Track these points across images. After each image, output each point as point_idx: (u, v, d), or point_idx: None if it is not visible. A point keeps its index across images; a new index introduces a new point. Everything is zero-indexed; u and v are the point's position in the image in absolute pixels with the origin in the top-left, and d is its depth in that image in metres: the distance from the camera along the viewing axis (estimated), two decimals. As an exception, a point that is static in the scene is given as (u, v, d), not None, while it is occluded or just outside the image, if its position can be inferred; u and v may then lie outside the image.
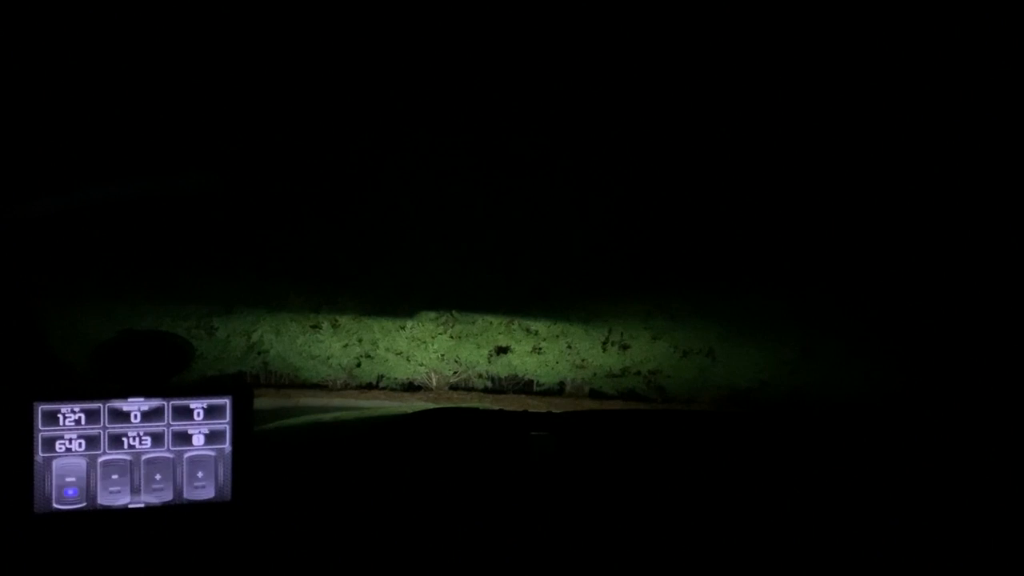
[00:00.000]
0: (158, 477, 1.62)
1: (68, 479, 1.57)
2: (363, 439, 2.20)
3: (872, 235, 3.53)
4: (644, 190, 3.54)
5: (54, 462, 1.57)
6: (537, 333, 5.67)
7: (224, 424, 1.65)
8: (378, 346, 5.73)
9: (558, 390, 6.06)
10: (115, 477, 1.60)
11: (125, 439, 1.60)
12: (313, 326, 5.64)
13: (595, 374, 5.85)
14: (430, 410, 2.39)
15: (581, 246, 4.37)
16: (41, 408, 1.56)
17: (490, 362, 5.84)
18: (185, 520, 1.63)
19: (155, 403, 1.61)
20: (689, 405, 5.70)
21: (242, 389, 1.65)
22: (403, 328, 5.65)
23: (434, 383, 6.02)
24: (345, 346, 5.71)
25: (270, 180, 3.22)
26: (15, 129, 2.18)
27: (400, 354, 5.75)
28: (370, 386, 5.98)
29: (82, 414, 1.58)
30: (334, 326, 5.64)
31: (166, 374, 1.68)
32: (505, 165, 3.25)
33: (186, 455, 1.63)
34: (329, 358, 5.74)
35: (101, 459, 1.59)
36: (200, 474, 1.64)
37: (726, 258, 4.25)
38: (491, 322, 5.66)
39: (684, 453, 2.12)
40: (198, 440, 1.64)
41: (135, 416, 1.61)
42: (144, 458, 1.61)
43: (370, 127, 2.76)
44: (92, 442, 1.59)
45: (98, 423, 1.59)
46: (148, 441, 1.62)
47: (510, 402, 5.74)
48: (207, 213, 3.77)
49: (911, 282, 3.95)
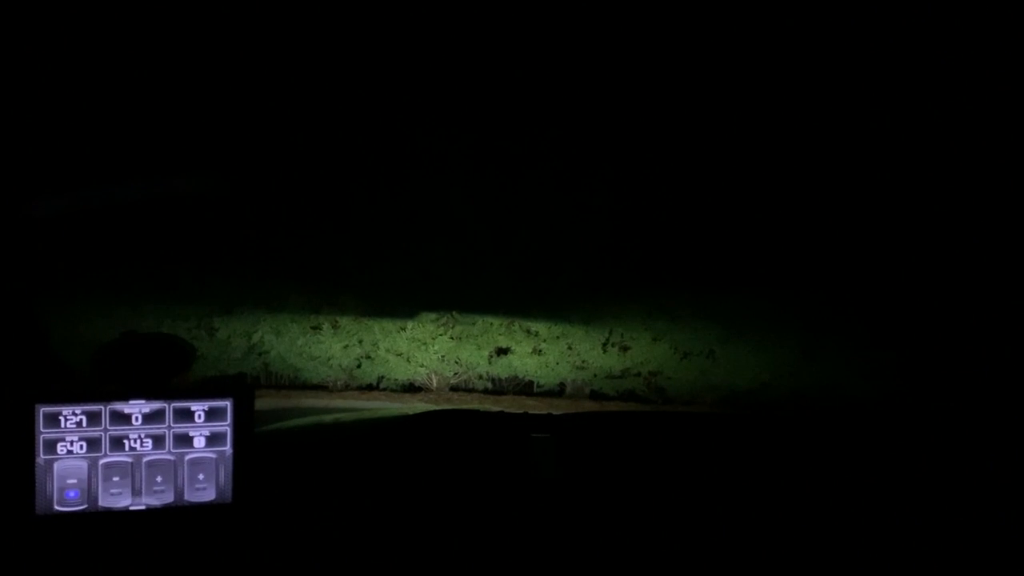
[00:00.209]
0: (159, 479, 1.62)
1: (69, 481, 1.57)
2: (363, 441, 2.20)
3: (872, 238, 3.54)
4: (645, 192, 3.55)
5: (55, 464, 1.57)
6: (537, 334, 5.67)
7: (225, 426, 1.64)
8: (378, 347, 5.72)
9: (558, 391, 6.05)
10: (116, 479, 1.59)
11: (126, 441, 1.60)
12: (314, 327, 5.64)
13: (595, 375, 5.85)
14: (430, 412, 2.39)
15: (582, 248, 4.38)
16: (43, 410, 1.56)
17: (490, 363, 5.84)
18: (186, 522, 1.63)
19: (156, 405, 1.61)
20: (689, 406, 5.69)
21: (243, 391, 1.65)
22: (403, 329, 5.65)
23: (434, 384, 6.02)
24: (345, 347, 5.71)
25: (271, 182, 3.22)
26: (18, 131, 2.19)
27: (400, 355, 5.75)
28: (370, 387, 5.98)
29: (83, 416, 1.58)
30: (334, 327, 5.64)
31: (167, 376, 1.68)
32: (506, 167, 3.25)
33: (187, 457, 1.63)
34: (329, 359, 5.74)
35: (102, 461, 1.59)
36: (201, 476, 1.64)
37: (727, 260, 4.26)
38: (491, 323, 5.66)
39: (684, 455, 2.12)
40: (199, 442, 1.63)
41: (136, 418, 1.61)
42: (145, 460, 1.61)
43: (371, 129, 2.76)
44: (93, 444, 1.58)
45: (99, 425, 1.59)
46: (149, 443, 1.61)
47: (510, 403, 5.74)
48: (208, 214, 3.78)
49: (911, 284, 3.96)
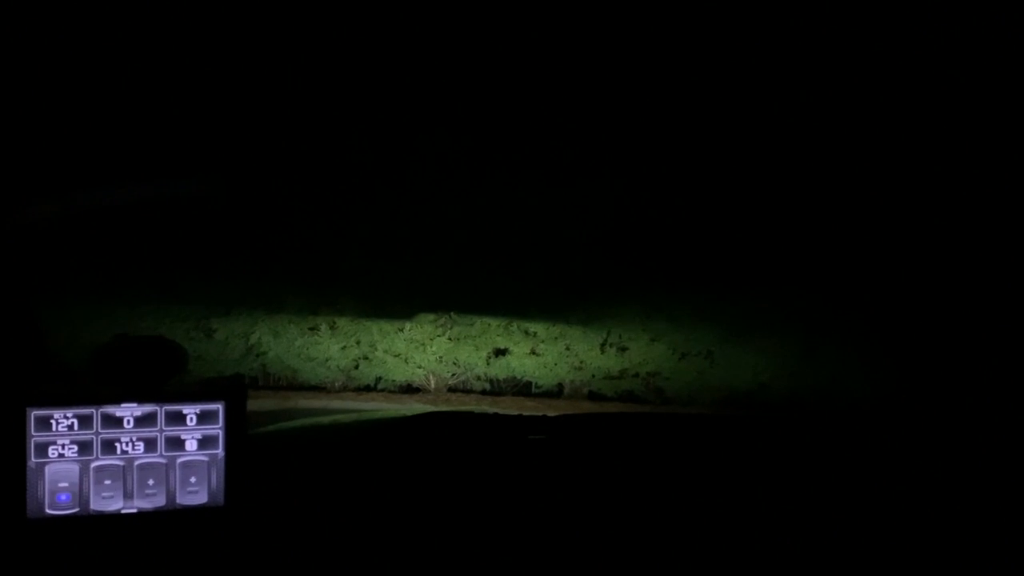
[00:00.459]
0: (151, 482, 1.62)
1: (61, 484, 1.56)
2: (359, 444, 2.20)
3: (871, 238, 3.53)
4: (643, 193, 3.54)
5: (47, 468, 1.56)
6: (536, 335, 5.66)
7: (217, 429, 1.64)
8: (376, 348, 5.72)
9: (557, 392, 6.05)
10: (108, 482, 1.59)
11: (118, 444, 1.60)
12: (311, 328, 5.64)
13: (593, 376, 5.84)
14: (426, 414, 2.38)
15: (580, 248, 4.37)
16: (34, 414, 1.55)
17: (489, 364, 5.83)
18: (178, 525, 1.63)
19: (148, 408, 1.61)
20: (688, 407, 5.69)
21: (235, 394, 1.65)
22: (401, 330, 5.65)
23: (432, 385, 6.02)
24: (343, 348, 5.70)
25: (269, 183, 3.22)
26: (15, 132, 2.19)
27: (398, 356, 5.75)
28: (368, 388, 5.97)
29: (75, 419, 1.58)
30: (332, 328, 5.64)
31: (159, 379, 1.67)
32: (504, 168, 3.25)
33: (179, 460, 1.63)
34: (327, 360, 5.74)
35: (94, 464, 1.59)
36: (193, 479, 1.63)
37: (726, 261, 4.25)
38: (490, 324, 5.66)
39: (682, 456, 2.12)
40: (191, 445, 1.63)
41: (128, 421, 1.60)
42: (137, 463, 1.61)
43: (369, 130, 2.76)
44: (85, 447, 1.58)
45: (91, 428, 1.59)
46: (141, 446, 1.61)
47: (509, 404, 5.74)
48: (206, 216, 3.78)
49: (910, 285, 3.95)
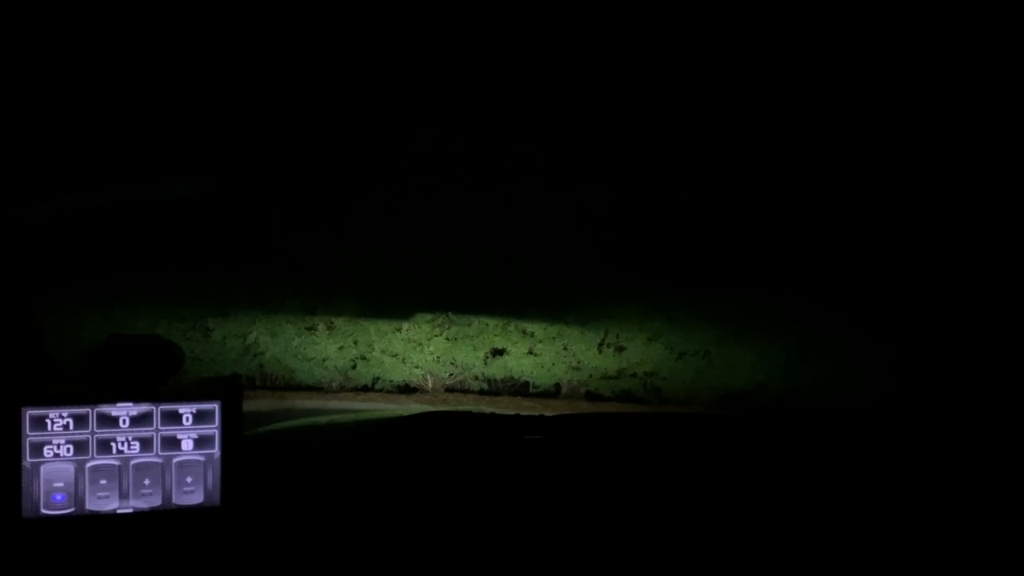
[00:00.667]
0: (147, 482, 1.61)
1: (56, 484, 1.56)
2: (357, 443, 2.20)
3: (868, 238, 3.54)
4: (640, 193, 3.55)
5: (42, 467, 1.56)
6: (533, 335, 5.66)
7: (213, 429, 1.64)
8: (374, 348, 5.72)
9: (554, 392, 6.05)
10: (104, 482, 1.58)
11: (114, 444, 1.59)
12: (309, 328, 5.63)
13: (591, 376, 5.84)
14: (423, 414, 2.38)
15: (578, 248, 4.37)
16: (29, 413, 1.55)
17: (486, 364, 5.83)
18: (174, 525, 1.62)
19: (144, 408, 1.60)
20: (685, 407, 5.69)
21: (231, 394, 1.64)
22: (399, 330, 5.64)
23: (430, 385, 6.02)
24: (341, 348, 5.70)
25: (267, 184, 3.22)
26: (12, 132, 2.18)
27: (396, 356, 5.75)
28: (366, 388, 5.97)
29: (70, 419, 1.57)
30: (330, 328, 5.64)
31: (155, 378, 1.67)
32: (502, 169, 3.25)
33: (175, 460, 1.62)
34: (325, 360, 5.73)
35: (89, 464, 1.58)
36: (189, 479, 1.63)
37: (723, 261, 4.26)
38: (487, 324, 5.66)
39: (680, 456, 2.12)
40: (187, 445, 1.63)
41: (124, 421, 1.60)
42: (133, 463, 1.60)
43: (367, 132, 2.76)
44: (80, 447, 1.58)
45: (86, 428, 1.58)
46: (137, 446, 1.61)
47: (506, 404, 5.73)
48: (204, 216, 3.78)
49: (907, 284, 3.96)
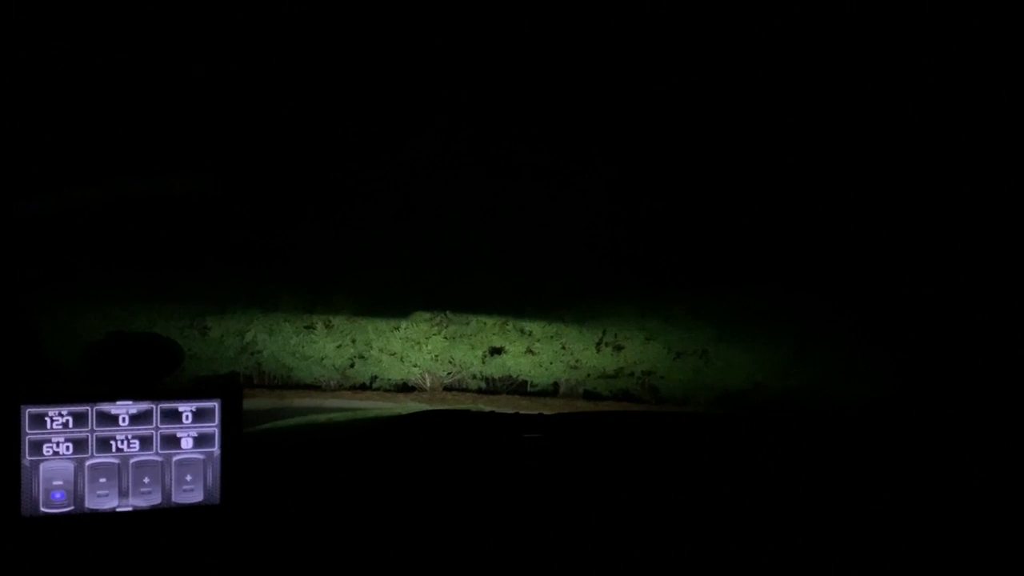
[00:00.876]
0: (146, 480, 1.61)
1: (55, 482, 1.56)
2: (355, 442, 2.20)
3: (865, 238, 3.54)
4: (638, 192, 3.55)
5: (41, 465, 1.56)
6: (531, 334, 5.66)
7: (213, 427, 1.63)
8: (372, 347, 5.71)
9: (552, 391, 6.05)
10: (103, 480, 1.58)
11: (113, 442, 1.59)
12: (307, 326, 5.62)
13: (589, 375, 5.84)
14: (422, 412, 2.38)
15: (575, 248, 4.37)
16: (28, 411, 1.55)
17: (484, 363, 5.83)
18: (173, 523, 1.62)
19: (143, 406, 1.60)
20: (683, 406, 5.70)
21: (231, 392, 1.64)
22: (397, 329, 5.64)
23: (428, 384, 6.01)
24: (339, 347, 5.69)
25: (265, 181, 3.21)
26: (10, 130, 2.18)
27: (394, 355, 5.74)
28: (364, 387, 5.97)
29: (70, 417, 1.57)
30: (328, 326, 5.63)
31: (155, 376, 1.67)
32: (500, 167, 3.25)
33: (174, 458, 1.62)
34: (323, 358, 5.73)
35: (89, 462, 1.58)
36: (189, 477, 1.63)
37: (720, 261, 4.26)
38: (485, 323, 5.65)
39: (677, 454, 2.12)
40: (187, 443, 1.62)
41: (123, 419, 1.59)
42: (132, 461, 1.60)
43: (365, 130, 2.75)
44: (80, 445, 1.57)
45: (86, 426, 1.58)
46: (136, 444, 1.60)
47: (504, 403, 5.73)
48: (201, 214, 3.77)
49: (904, 284, 3.96)
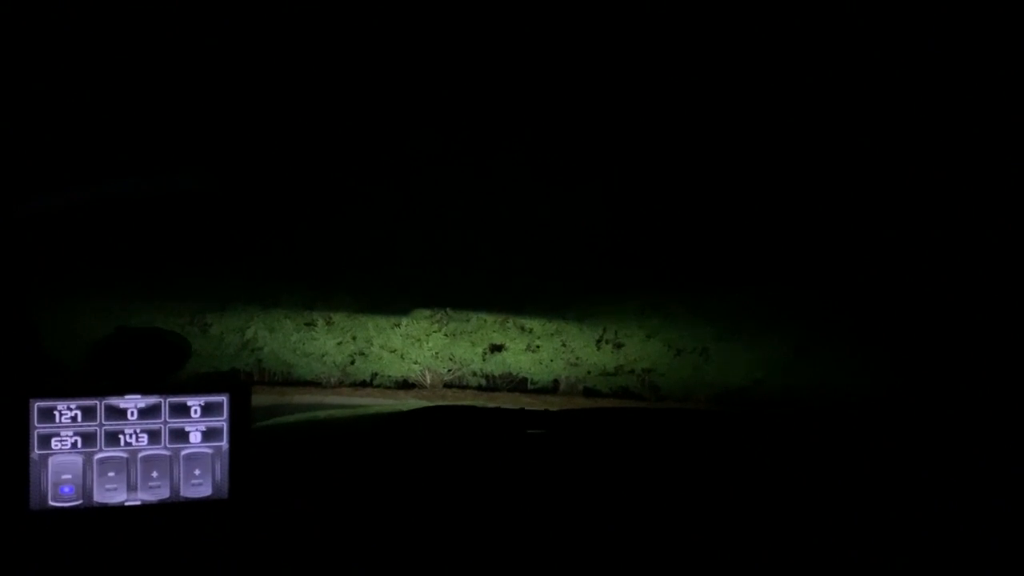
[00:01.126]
0: (155, 474, 1.62)
1: (64, 476, 1.56)
2: (360, 437, 2.20)
3: (866, 235, 3.55)
4: (638, 189, 3.55)
5: (50, 459, 1.56)
6: (531, 331, 5.67)
7: (221, 421, 1.64)
8: (372, 344, 5.72)
9: (552, 388, 6.07)
10: (111, 474, 1.59)
11: (122, 436, 1.60)
12: (307, 323, 5.62)
13: (589, 372, 5.85)
14: (426, 408, 2.39)
15: (576, 245, 4.37)
16: (37, 405, 1.55)
17: (484, 360, 5.83)
18: (182, 518, 1.63)
19: (152, 400, 1.61)
20: (683, 403, 5.71)
21: (240, 386, 1.65)
22: (397, 326, 5.64)
23: (428, 381, 6.02)
24: (339, 343, 5.69)
25: (265, 178, 3.21)
26: (10, 127, 2.18)
27: (394, 352, 5.75)
28: (364, 384, 5.97)
29: (78, 411, 1.58)
30: (328, 323, 5.63)
31: (163, 371, 1.67)
32: (500, 164, 3.25)
33: (183, 452, 1.63)
34: (323, 355, 5.73)
35: (97, 456, 1.59)
36: (197, 471, 1.63)
37: (720, 258, 4.26)
38: (485, 320, 5.66)
39: (678, 451, 2.13)
40: (195, 437, 1.63)
41: (132, 413, 1.60)
42: (141, 455, 1.61)
43: (365, 126, 2.75)
44: (88, 439, 1.58)
45: (94, 420, 1.58)
46: (145, 438, 1.61)
47: (504, 400, 5.74)
48: (201, 211, 3.76)
49: (904, 281, 3.97)
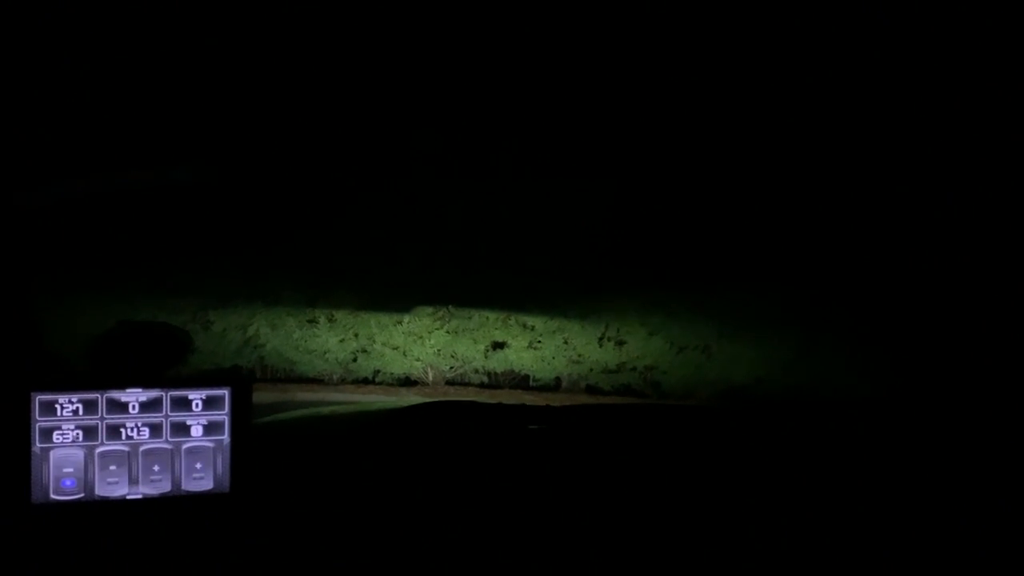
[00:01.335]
0: (156, 468, 1.62)
1: (66, 470, 1.57)
2: (363, 432, 2.20)
3: (868, 233, 3.54)
4: (641, 187, 3.55)
5: (52, 453, 1.56)
6: (534, 328, 5.66)
7: (223, 415, 1.64)
8: (375, 341, 5.72)
9: (554, 385, 6.06)
10: (113, 468, 1.59)
11: (123, 430, 1.60)
12: (309, 320, 5.63)
13: (591, 369, 5.85)
14: (429, 403, 2.39)
15: (578, 242, 4.37)
16: (39, 398, 1.55)
17: (487, 357, 5.84)
18: (183, 511, 1.63)
19: (153, 394, 1.61)
20: (685, 401, 5.71)
21: (241, 380, 1.65)
22: (400, 323, 5.64)
23: (430, 378, 6.02)
24: (341, 340, 5.70)
25: (267, 173, 3.21)
26: (11, 121, 2.18)
27: (397, 349, 5.75)
28: (366, 381, 5.98)
29: (80, 404, 1.58)
30: (330, 320, 5.63)
31: (165, 365, 1.68)
32: (502, 162, 3.25)
33: (184, 446, 1.63)
34: (325, 352, 5.73)
35: (99, 450, 1.59)
36: (198, 465, 1.64)
37: (723, 255, 4.26)
38: (488, 317, 5.65)
39: (679, 447, 2.13)
40: (196, 431, 1.64)
41: (133, 407, 1.60)
42: (142, 449, 1.61)
43: (368, 123, 2.75)
44: (90, 433, 1.58)
45: (96, 414, 1.59)
46: (146, 432, 1.61)
47: (506, 397, 5.74)
48: (203, 206, 3.77)
49: (907, 280, 3.96)
